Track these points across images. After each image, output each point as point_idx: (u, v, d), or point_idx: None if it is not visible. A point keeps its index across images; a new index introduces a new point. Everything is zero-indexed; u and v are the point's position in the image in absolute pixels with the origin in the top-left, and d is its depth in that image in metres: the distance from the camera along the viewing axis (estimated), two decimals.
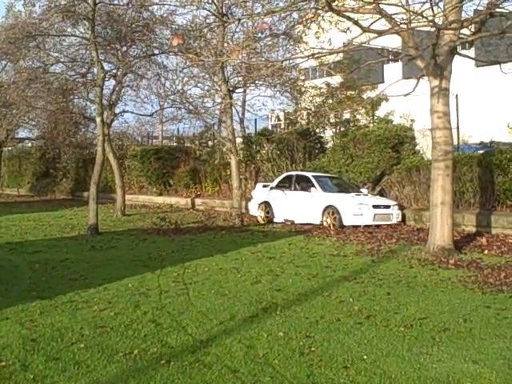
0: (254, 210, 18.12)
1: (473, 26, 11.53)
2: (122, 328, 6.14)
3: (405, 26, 10.48)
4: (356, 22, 10.51)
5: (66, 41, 20.98)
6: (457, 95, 16.73)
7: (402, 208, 16.17)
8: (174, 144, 30.71)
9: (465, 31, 11.69)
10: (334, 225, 15.43)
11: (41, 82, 21.10)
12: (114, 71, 21.04)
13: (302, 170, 19.23)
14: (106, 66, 20.13)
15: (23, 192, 35.50)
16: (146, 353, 5.37)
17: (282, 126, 26.96)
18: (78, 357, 5.25)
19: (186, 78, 20.67)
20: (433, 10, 10.52)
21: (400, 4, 10.47)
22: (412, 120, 19.42)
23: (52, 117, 24.41)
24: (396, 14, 10.93)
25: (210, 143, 27.62)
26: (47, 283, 8.51)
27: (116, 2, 19.33)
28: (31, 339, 5.74)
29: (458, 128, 17.61)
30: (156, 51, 20.79)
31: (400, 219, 15.80)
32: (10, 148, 36.45)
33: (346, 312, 6.77)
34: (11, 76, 23.97)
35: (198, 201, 22.82)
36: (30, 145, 36.84)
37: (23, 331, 6.01)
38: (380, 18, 10.58)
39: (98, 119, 17.32)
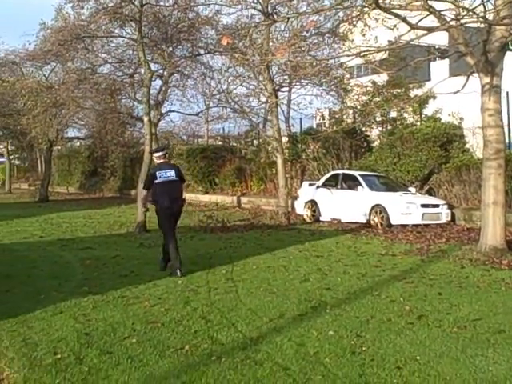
0: (301, 208, 18.08)
1: None
2: (173, 324, 6.20)
3: (454, 23, 10.28)
4: (404, 19, 10.36)
5: (113, 42, 21.30)
6: (507, 92, 16.33)
7: (451, 207, 15.88)
8: (220, 143, 30.86)
9: None
10: (381, 224, 15.26)
11: (89, 83, 21.44)
12: (161, 71, 21.25)
13: (348, 169, 19.09)
14: (153, 67, 20.35)
15: (72, 190, 36.28)
16: (197, 349, 5.40)
17: (327, 125, 26.77)
18: (131, 351, 5.33)
19: (231, 78, 20.76)
20: (484, 6, 10.29)
21: (450, 0, 10.27)
22: (461, 118, 19.03)
23: (100, 116, 24.83)
24: (445, 10, 10.72)
25: (255, 142, 27.66)
26: (99, 279, 8.68)
27: (162, 3, 19.56)
28: (85, 333, 5.86)
29: (509, 126, 17.20)
30: (201, 51, 20.92)
31: (449, 218, 15.52)
32: (59, 147, 37.32)
33: (396, 312, 6.67)
34: (61, 77, 24.47)
35: (243, 199, 22.89)
36: (78, 144, 37.64)
37: (77, 325, 6.14)
38: (428, 15, 10.39)
39: (146, 119, 17.56)
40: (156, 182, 9.27)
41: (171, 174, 9.37)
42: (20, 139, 32.87)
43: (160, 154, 9.63)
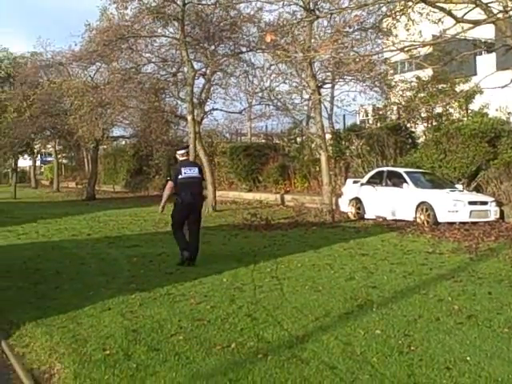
0: (345, 206, 17.95)
1: None
2: (219, 321, 6.21)
3: (502, 15, 10.02)
4: (449, 13, 10.17)
5: (156, 41, 21.58)
6: None
7: (500, 204, 15.50)
8: (263, 141, 30.91)
9: None
10: (427, 221, 15.00)
11: (134, 82, 21.78)
12: (204, 70, 21.42)
13: (393, 166, 18.84)
14: (196, 65, 20.55)
15: (118, 188, 36.87)
16: (243, 346, 5.40)
17: (371, 122, 26.50)
18: (178, 348, 5.35)
19: (273, 75, 20.75)
20: None
21: None
22: (509, 113, 18.58)
23: (145, 115, 25.20)
24: (492, 1, 10.47)
25: (298, 139, 27.59)
26: (145, 276, 8.78)
27: (204, 2, 19.69)
28: (132, 330, 5.91)
29: None
30: (244, 49, 20.99)
31: (498, 216, 15.15)
32: (105, 146, 38.02)
33: (445, 311, 6.53)
34: (106, 77, 24.93)
35: (287, 197, 22.83)
36: (124, 143, 38.27)
37: (125, 322, 6.21)
38: (475, 8, 10.17)
39: (189, 117, 17.72)
40: (180, 177, 9.79)
41: (195, 171, 9.99)
42: (67, 139, 33.59)
43: (183, 151, 10.38)
